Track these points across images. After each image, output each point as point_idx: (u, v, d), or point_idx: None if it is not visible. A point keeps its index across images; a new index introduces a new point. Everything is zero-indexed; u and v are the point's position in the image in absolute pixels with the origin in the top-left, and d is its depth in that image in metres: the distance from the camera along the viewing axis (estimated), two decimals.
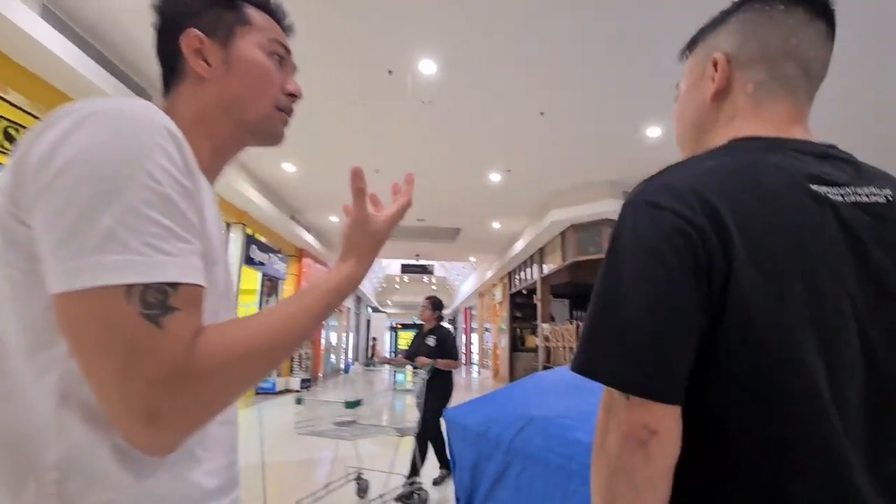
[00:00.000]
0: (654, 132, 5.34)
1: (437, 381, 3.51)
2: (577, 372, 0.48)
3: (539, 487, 1.38)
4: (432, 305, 3.91)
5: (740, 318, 0.45)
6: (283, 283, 9.64)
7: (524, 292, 11.62)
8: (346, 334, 17.80)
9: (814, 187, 0.51)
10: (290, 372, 9.91)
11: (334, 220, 9.43)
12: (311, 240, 9.78)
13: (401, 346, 26.71)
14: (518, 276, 11.69)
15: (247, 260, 7.59)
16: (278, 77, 0.61)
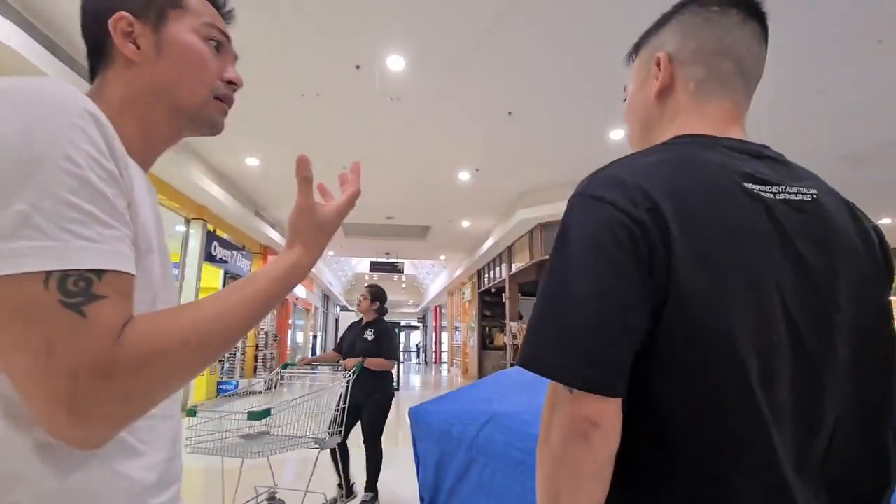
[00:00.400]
0: (617, 134, 5.49)
1: (372, 385, 2.96)
2: (522, 366, 0.49)
3: (500, 482, 1.39)
4: (371, 295, 3.30)
5: (680, 307, 0.47)
6: None
7: (493, 290, 11.74)
8: (312, 333, 17.50)
9: (747, 185, 0.53)
10: (255, 373, 9.65)
11: None
12: (276, 237, 9.52)
13: None
14: (487, 275, 11.80)
15: (207, 257, 7.32)
16: (215, 63, 0.58)
